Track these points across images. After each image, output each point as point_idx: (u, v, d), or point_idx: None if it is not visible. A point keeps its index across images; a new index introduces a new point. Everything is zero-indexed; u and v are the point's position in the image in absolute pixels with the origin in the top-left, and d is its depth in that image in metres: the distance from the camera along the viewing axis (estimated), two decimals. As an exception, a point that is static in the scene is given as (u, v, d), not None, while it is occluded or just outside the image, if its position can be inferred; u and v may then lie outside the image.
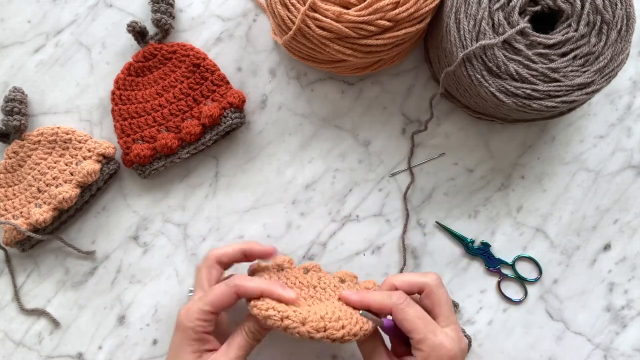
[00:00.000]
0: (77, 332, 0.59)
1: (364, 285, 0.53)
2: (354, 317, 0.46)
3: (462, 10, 0.49)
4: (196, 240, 0.60)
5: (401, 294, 0.47)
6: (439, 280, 0.49)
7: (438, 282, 0.49)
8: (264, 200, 0.60)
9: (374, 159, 0.60)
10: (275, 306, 0.45)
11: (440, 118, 0.60)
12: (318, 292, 0.50)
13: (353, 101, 0.61)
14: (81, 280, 0.60)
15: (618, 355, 0.58)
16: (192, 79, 0.59)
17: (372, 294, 0.48)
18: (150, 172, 0.58)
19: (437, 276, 0.49)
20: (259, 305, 0.45)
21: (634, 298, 0.58)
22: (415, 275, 0.50)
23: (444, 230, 0.59)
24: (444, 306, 0.48)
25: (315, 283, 0.51)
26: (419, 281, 0.49)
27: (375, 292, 0.49)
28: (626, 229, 0.59)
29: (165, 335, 0.59)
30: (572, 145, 0.60)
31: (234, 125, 0.58)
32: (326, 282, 0.52)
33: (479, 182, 0.60)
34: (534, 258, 0.59)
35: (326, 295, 0.50)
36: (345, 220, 0.60)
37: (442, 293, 0.49)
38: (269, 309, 0.45)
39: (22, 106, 0.59)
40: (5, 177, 0.59)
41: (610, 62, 0.49)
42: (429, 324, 0.46)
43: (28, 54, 0.62)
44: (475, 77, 0.49)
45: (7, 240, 0.58)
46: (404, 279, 0.49)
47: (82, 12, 0.62)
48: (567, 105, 0.49)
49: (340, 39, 0.51)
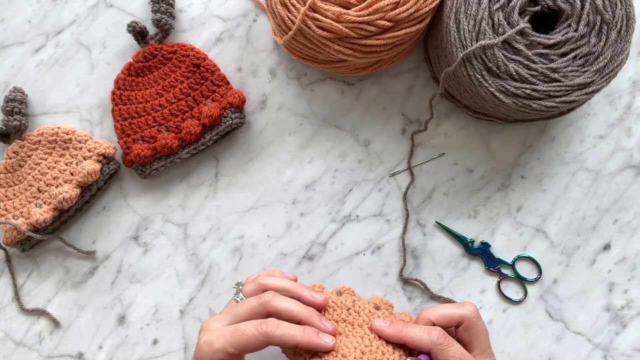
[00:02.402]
0: (78, 332, 0.59)
1: (399, 318, 0.50)
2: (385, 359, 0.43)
3: (462, 11, 0.49)
4: (196, 240, 0.60)
5: (441, 332, 0.44)
6: (477, 312, 0.47)
7: (477, 314, 0.46)
8: (264, 200, 0.60)
9: (374, 159, 0.60)
10: (303, 352, 0.44)
11: (440, 118, 0.60)
12: (352, 316, 0.48)
13: (353, 101, 0.61)
14: (81, 280, 0.60)
15: (618, 355, 0.58)
16: (192, 79, 0.59)
17: (409, 329, 0.45)
18: (151, 172, 0.58)
19: (474, 307, 0.47)
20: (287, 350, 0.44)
21: (634, 298, 0.58)
22: (452, 307, 0.47)
23: (443, 230, 0.60)
24: (482, 339, 0.46)
25: (349, 305, 0.48)
26: (457, 314, 0.46)
27: (413, 326, 0.45)
28: (626, 229, 0.59)
29: (165, 335, 0.59)
30: (572, 145, 0.60)
31: (234, 125, 0.58)
32: (360, 305, 0.49)
33: (479, 182, 0.60)
34: (534, 258, 0.59)
35: (359, 321, 0.47)
36: (345, 220, 0.60)
37: (481, 325, 0.46)
38: (296, 353, 0.44)
39: (22, 106, 0.59)
40: (6, 177, 0.59)
41: (610, 62, 0.49)
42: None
43: (28, 54, 0.62)
44: (475, 77, 0.49)
45: (7, 240, 0.58)
46: (441, 313, 0.46)
47: (83, 12, 0.62)
48: (567, 106, 0.49)
49: (340, 39, 0.51)
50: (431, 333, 0.44)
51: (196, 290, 0.60)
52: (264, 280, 0.47)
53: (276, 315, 0.44)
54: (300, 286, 0.48)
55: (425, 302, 0.59)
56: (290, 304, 0.45)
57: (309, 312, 0.45)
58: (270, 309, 0.44)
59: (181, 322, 0.59)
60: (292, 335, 0.42)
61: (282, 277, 0.49)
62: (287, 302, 0.45)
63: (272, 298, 0.44)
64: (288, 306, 0.44)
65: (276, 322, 0.43)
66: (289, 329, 0.43)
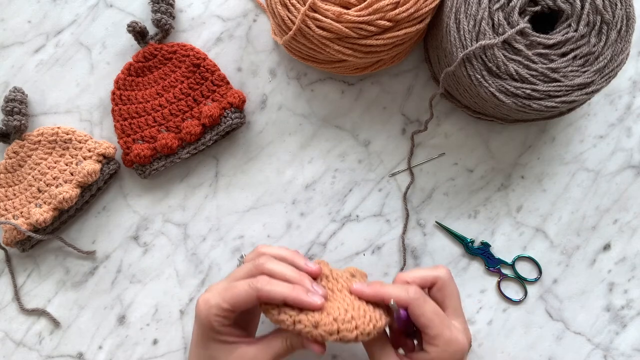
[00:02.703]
0: (78, 332, 0.59)
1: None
2: (367, 315, 0.45)
3: (462, 11, 0.49)
4: (196, 240, 0.60)
5: (417, 288, 0.47)
6: (450, 274, 0.50)
7: (449, 275, 0.50)
8: (264, 200, 0.60)
9: (374, 159, 0.60)
10: (287, 310, 0.44)
11: (440, 118, 0.60)
12: (330, 282, 0.49)
13: (353, 101, 0.61)
14: (81, 280, 0.60)
15: (618, 355, 0.58)
16: (192, 79, 0.59)
17: (387, 287, 0.47)
18: (151, 172, 0.58)
19: (447, 270, 0.50)
20: (270, 310, 0.45)
21: (634, 298, 0.58)
22: (426, 269, 0.50)
23: (443, 230, 0.60)
24: (454, 299, 0.49)
25: (327, 273, 0.50)
26: (431, 275, 0.49)
27: (390, 285, 0.48)
28: (626, 229, 0.59)
29: (165, 335, 0.59)
30: (572, 145, 0.60)
31: (234, 125, 0.58)
32: (338, 273, 0.51)
33: (479, 182, 0.60)
34: (534, 258, 0.59)
35: (338, 286, 0.49)
36: (345, 220, 0.60)
37: (453, 286, 0.49)
38: (281, 312, 0.44)
39: (22, 106, 0.59)
40: (6, 177, 0.59)
41: (610, 62, 0.49)
42: (444, 319, 0.46)
43: (28, 54, 0.62)
44: (475, 77, 0.49)
45: (7, 240, 0.58)
46: (416, 275, 0.49)
47: (83, 12, 0.62)
48: (567, 106, 0.49)
49: (340, 39, 0.51)
50: (408, 290, 0.46)
51: (196, 290, 0.60)
52: (262, 248, 0.50)
53: (269, 276, 0.46)
54: (296, 254, 0.49)
55: (425, 302, 0.59)
56: (284, 268, 0.46)
57: (301, 276, 0.46)
58: (264, 270, 0.46)
59: (181, 322, 0.59)
60: (281, 291, 0.44)
61: (304, 264, 0.50)
62: (281, 266, 0.47)
63: (267, 261, 0.47)
64: (281, 269, 0.46)
65: (267, 278, 0.45)
66: (278, 284, 0.45)
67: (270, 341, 0.46)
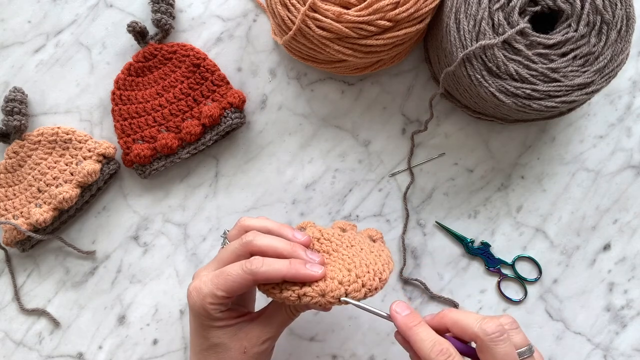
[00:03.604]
0: (78, 332, 0.59)
1: (367, 233, 0.51)
2: (371, 270, 0.43)
3: (462, 11, 0.49)
4: (196, 240, 0.60)
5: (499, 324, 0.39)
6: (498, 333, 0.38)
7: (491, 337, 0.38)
8: (264, 200, 0.60)
9: (374, 159, 0.60)
10: (289, 285, 0.42)
11: (440, 118, 0.60)
12: (324, 244, 0.47)
13: (353, 101, 0.61)
14: (81, 280, 0.60)
15: (618, 355, 0.58)
16: (192, 79, 0.59)
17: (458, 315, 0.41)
18: (151, 172, 0.58)
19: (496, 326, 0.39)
20: (270, 290, 0.43)
21: (634, 298, 0.58)
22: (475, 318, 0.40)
23: (443, 230, 0.60)
24: None
25: (317, 235, 0.48)
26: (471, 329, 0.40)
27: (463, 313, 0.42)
28: (626, 229, 0.59)
29: (165, 335, 0.59)
30: (572, 145, 0.60)
31: (234, 125, 0.58)
32: (328, 232, 0.48)
33: (479, 182, 0.60)
34: (534, 258, 0.59)
35: (333, 246, 0.47)
36: (346, 220, 0.60)
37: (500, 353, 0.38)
38: (283, 290, 0.42)
39: (22, 106, 0.59)
40: (6, 177, 0.59)
41: (610, 62, 0.49)
42: None
43: (28, 54, 0.62)
44: (475, 77, 0.49)
45: (7, 240, 0.58)
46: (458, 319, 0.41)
47: (83, 12, 0.62)
48: (567, 106, 0.49)
49: (340, 39, 0.51)
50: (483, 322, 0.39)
51: (196, 290, 0.59)
52: (246, 222, 0.46)
53: (259, 253, 0.43)
54: (282, 225, 0.46)
55: (425, 302, 0.59)
56: (273, 240, 0.43)
57: (293, 247, 0.44)
58: (252, 248, 0.43)
59: (181, 322, 0.59)
60: (278, 269, 0.41)
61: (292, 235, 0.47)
62: (269, 239, 0.44)
63: (254, 237, 0.43)
64: (271, 242, 0.43)
65: (260, 259, 0.42)
66: (274, 263, 0.42)
67: (272, 312, 0.44)
